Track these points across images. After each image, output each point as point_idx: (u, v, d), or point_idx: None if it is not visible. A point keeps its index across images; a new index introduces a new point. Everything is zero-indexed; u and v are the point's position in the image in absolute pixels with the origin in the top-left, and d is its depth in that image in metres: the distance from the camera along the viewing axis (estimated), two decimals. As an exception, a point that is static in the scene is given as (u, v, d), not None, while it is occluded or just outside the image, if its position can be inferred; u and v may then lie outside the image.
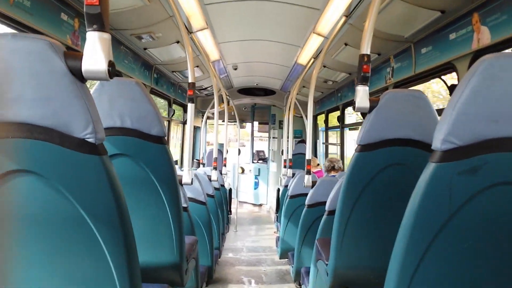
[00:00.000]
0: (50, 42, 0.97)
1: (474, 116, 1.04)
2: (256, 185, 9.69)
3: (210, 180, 4.34)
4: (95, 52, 1.01)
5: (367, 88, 1.72)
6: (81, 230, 1.04)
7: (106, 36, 1.03)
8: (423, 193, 1.07)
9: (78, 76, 0.99)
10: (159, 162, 1.75)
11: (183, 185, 2.55)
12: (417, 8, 2.66)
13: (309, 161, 3.45)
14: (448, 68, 2.90)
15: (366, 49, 1.73)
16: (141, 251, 1.79)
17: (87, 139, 1.00)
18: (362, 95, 1.71)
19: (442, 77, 3.24)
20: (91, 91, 1.66)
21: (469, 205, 1.06)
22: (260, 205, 9.67)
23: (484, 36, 2.35)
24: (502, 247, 1.09)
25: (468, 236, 1.09)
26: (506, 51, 2.23)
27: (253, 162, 10.04)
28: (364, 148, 1.77)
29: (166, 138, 1.78)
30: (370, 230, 1.89)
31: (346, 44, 3.84)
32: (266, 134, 10.05)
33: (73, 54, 0.99)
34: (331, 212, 2.43)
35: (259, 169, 9.70)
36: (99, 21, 1.00)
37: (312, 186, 3.40)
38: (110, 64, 1.03)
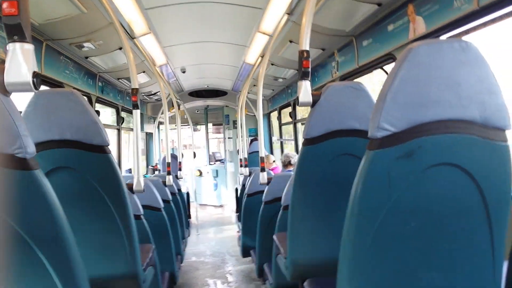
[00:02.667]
0: None
1: (404, 103, 1.08)
2: (216, 186, 9.66)
3: (165, 185, 4.27)
4: (18, 63, 0.96)
5: (308, 82, 1.75)
6: (21, 249, 1.00)
7: (29, 46, 0.98)
8: (363, 181, 1.11)
9: (1, 89, 0.94)
10: (104, 172, 1.70)
11: (135, 193, 2.49)
12: (355, 2, 2.73)
13: (262, 158, 3.47)
14: (389, 58, 3.00)
15: (305, 45, 1.76)
16: (95, 264, 1.75)
17: (16, 155, 0.96)
18: (304, 90, 1.74)
19: (384, 67, 3.36)
20: (26, 104, 1.59)
21: (408, 188, 1.11)
22: (221, 206, 9.64)
23: (419, 26, 2.44)
24: (442, 225, 1.14)
25: (411, 218, 1.14)
26: (440, 38, 2.33)
27: (210, 164, 9.98)
28: (310, 142, 1.80)
29: (109, 147, 1.73)
30: (324, 220, 1.93)
31: (291, 41, 3.89)
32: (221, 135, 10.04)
33: None
34: (287, 207, 2.46)
35: (217, 170, 9.67)
36: (19, 32, 0.96)
37: (268, 183, 3.42)
38: (35, 75, 0.99)
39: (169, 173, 4.39)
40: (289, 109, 6.49)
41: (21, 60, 0.97)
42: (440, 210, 1.14)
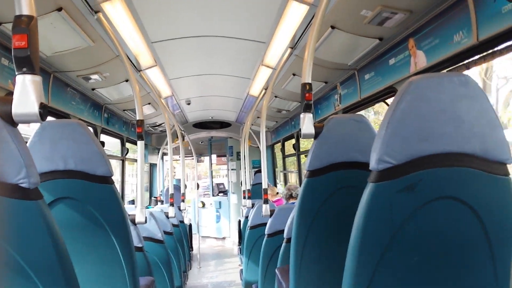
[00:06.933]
0: None
1: (405, 136, 1.09)
2: (218, 218, 9.57)
3: (167, 217, 4.24)
4: (26, 95, 0.98)
5: (311, 115, 1.77)
6: (20, 279, 0.99)
7: (37, 78, 1.01)
8: (364, 213, 1.10)
9: (9, 120, 0.96)
10: (107, 202, 1.70)
11: (137, 224, 2.48)
12: (356, 36, 2.79)
13: (265, 190, 3.46)
14: (390, 92, 3.03)
15: (307, 78, 1.79)
16: None
17: (20, 185, 0.96)
18: (307, 122, 1.75)
19: (387, 100, 3.39)
20: (32, 134, 1.61)
21: (410, 221, 1.09)
22: (224, 238, 9.52)
23: (420, 60, 2.48)
24: (444, 260, 1.12)
25: (413, 252, 1.12)
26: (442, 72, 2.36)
27: (213, 196, 9.93)
28: (313, 174, 1.80)
29: (112, 178, 1.74)
30: (327, 254, 1.90)
31: (294, 74, 3.95)
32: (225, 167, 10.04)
33: (2, 99, 0.96)
34: (290, 240, 2.43)
35: (220, 202, 9.60)
36: (29, 64, 0.98)
37: (271, 215, 3.40)
38: (42, 106, 1.00)
39: (171, 205, 4.38)
40: (293, 141, 6.51)
41: (29, 91, 0.99)
42: (443, 244, 1.12)
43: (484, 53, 2.01)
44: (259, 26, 3.11)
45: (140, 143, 2.66)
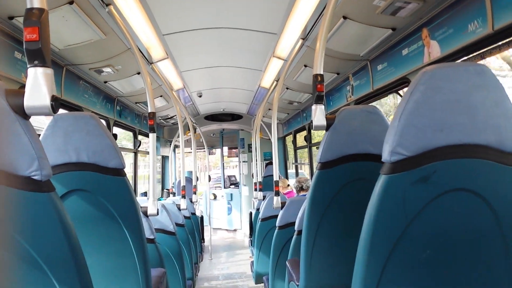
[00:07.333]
0: None
1: (419, 127, 1.07)
2: (229, 210, 9.60)
3: (179, 209, 4.27)
4: (38, 87, 0.99)
5: (322, 106, 1.75)
6: (33, 271, 1.00)
7: (48, 71, 1.01)
8: (376, 205, 1.09)
9: (21, 113, 0.97)
10: (119, 195, 1.70)
11: (149, 216, 2.49)
12: (369, 27, 2.75)
13: (277, 182, 3.46)
14: (404, 82, 3.00)
15: (319, 69, 1.77)
16: (106, 287, 1.74)
17: (32, 177, 0.97)
18: (318, 113, 1.74)
19: (400, 91, 3.35)
20: (45, 127, 1.62)
21: (423, 214, 1.08)
22: (235, 230, 9.56)
23: (434, 50, 2.45)
24: (458, 253, 1.11)
25: (426, 244, 1.10)
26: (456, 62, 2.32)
27: (225, 188, 9.96)
28: (324, 166, 1.79)
29: (124, 170, 1.74)
30: (338, 247, 1.89)
31: (305, 66, 3.93)
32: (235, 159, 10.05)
33: (14, 92, 0.97)
34: (301, 232, 2.43)
35: (231, 194, 9.63)
36: (40, 57, 0.99)
37: (282, 207, 3.40)
38: (54, 99, 1.01)
39: (183, 197, 4.40)
40: (305, 132, 6.49)
41: (41, 84, 1.00)
42: (455, 237, 1.10)
43: (500, 43, 1.97)
44: (270, 17, 3.09)
45: (152, 136, 2.67)
